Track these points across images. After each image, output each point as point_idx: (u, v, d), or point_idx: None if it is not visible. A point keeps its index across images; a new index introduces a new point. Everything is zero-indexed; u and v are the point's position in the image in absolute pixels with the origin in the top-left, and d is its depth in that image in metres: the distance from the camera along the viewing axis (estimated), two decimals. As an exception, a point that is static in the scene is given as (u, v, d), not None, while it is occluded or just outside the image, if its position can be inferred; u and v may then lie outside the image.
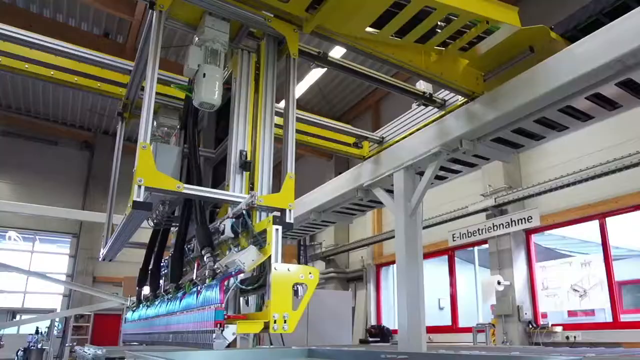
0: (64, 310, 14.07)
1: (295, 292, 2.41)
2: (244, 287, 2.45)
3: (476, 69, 4.15)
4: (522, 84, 3.72)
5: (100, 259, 3.94)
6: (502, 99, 3.86)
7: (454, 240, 11.10)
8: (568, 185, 8.54)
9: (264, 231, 2.40)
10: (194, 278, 2.64)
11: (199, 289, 2.46)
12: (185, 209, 3.14)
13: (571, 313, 9.81)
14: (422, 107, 4.82)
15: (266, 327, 2.22)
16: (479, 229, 10.37)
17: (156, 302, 3.35)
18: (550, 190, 8.87)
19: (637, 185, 8.26)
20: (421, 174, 4.72)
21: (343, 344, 8.25)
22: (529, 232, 10.27)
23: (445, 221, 11.27)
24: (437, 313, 12.77)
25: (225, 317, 2.15)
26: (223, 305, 2.16)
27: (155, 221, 3.34)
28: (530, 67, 3.70)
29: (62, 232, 17.38)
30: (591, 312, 9.37)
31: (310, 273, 2.36)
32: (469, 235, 10.61)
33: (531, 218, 9.27)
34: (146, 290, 3.77)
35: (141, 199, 2.25)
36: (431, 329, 12.36)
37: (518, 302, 9.71)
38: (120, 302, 7.89)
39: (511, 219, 9.68)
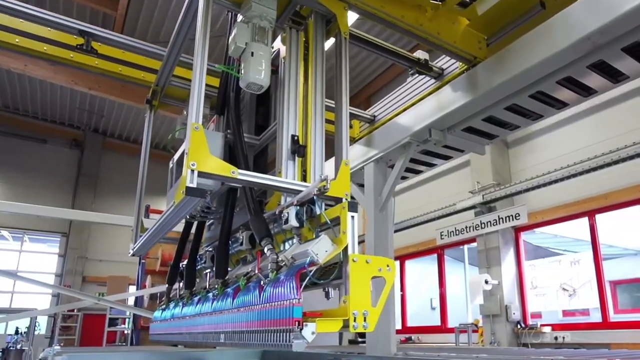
0: (37, 310, 13.67)
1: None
2: (318, 280, 2.19)
3: (478, 32, 3.71)
4: (528, 45, 3.27)
5: (130, 255, 3.74)
6: (508, 62, 3.41)
7: (441, 239, 10.85)
8: (556, 181, 8.26)
9: (335, 219, 2.13)
10: (256, 272, 2.36)
11: (261, 283, 2.19)
12: (230, 199, 2.88)
13: (566, 313, 9.58)
14: (417, 75, 4.35)
15: (345, 325, 1.95)
16: (466, 227, 10.11)
17: (194, 300, 3.07)
18: (539, 186, 8.59)
19: (627, 182, 8.02)
20: (393, 167, 4.40)
21: (331, 345, 7.98)
22: (518, 230, 10.00)
23: (434, 219, 10.97)
24: (430, 313, 12.53)
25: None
26: (301, 301, 1.87)
27: (192, 213, 3.05)
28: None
29: (52, 232, 16.97)
30: (586, 312, 9.12)
31: (388, 266, 2.09)
32: (457, 233, 10.36)
33: (519, 215, 9.02)
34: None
35: (194, 185, 2.07)
36: (420, 329, 12.13)
37: (506, 302, 9.43)
38: (94, 302, 7.55)
39: (499, 216, 9.42)
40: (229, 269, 2.90)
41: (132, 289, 14.11)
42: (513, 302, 9.52)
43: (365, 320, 1.96)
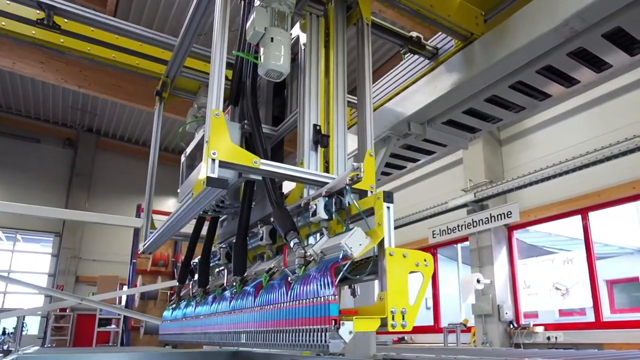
0: (20, 310, 13.41)
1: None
2: (353, 276, 2.04)
3: (475, 6, 3.50)
4: (527, 19, 3.02)
5: (140, 252, 3.63)
6: (507, 37, 3.15)
7: (434, 237, 10.64)
8: (548, 178, 8.06)
9: (368, 210, 2.01)
10: (282, 267, 2.21)
11: (288, 279, 2.04)
12: (247, 192, 2.74)
13: (563, 313, 9.40)
14: (410, 56, 4.12)
15: (383, 324, 1.81)
16: (458, 225, 9.91)
17: (208, 299, 2.94)
18: (530, 184, 8.40)
19: (620, 179, 7.81)
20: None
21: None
22: (510, 229, 9.79)
23: (426, 217, 10.79)
24: (425, 313, 12.34)
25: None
26: (337, 298, 1.74)
27: (205, 208, 2.89)
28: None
29: (45, 231, 16.75)
30: (582, 312, 8.93)
31: (425, 260, 1.97)
32: (449, 231, 10.15)
33: (510, 213, 8.82)
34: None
35: (215, 175, 1.96)
36: (414, 329, 11.86)
37: (498, 301, 9.23)
38: (77, 301, 7.34)
39: (490, 214, 9.22)
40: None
41: (125, 289, 13.92)
42: (505, 301, 9.33)
43: (403, 319, 1.83)
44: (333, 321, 1.69)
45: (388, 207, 1.95)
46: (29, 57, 5.64)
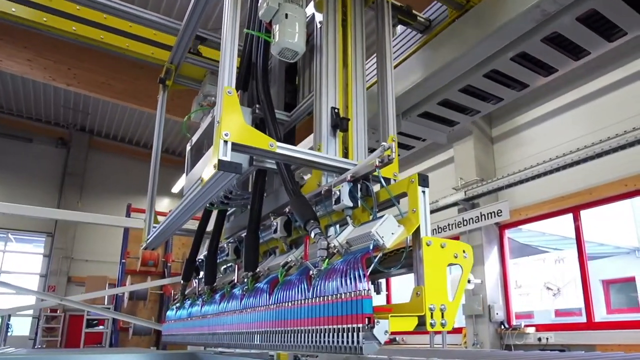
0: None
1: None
2: (386, 269, 1.86)
3: None
4: None
5: (142, 248, 3.54)
6: (506, 3, 2.86)
7: (424, 237, 10.34)
8: (539, 175, 7.75)
9: (398, 197, 1.85)
10: (303, 260, 1.98)
11: (310, 274, 1.82)
12: (258, 182, 2.54)
13: (559, 313, 9.11)
14: (402, 31, 3.89)
15: (421, 322, 1.61)
16: (449, 224, 9.60)
17: (216, 297, 2.74)
18: (521, 181, 8.09)
19: (611, 176, 7.52)
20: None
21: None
22: (502, 227, 9.48)
23: (417, 217, 10.48)
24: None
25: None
26: (371, 293, 1.52)
27: (212, 200, 2.71)
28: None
29: (37, 231, 16.40)
30: (578, 312, 8.56)
31: (464, 251, 1.77)
32: (440, 230, 9.82)
33: (501, 211, 8.51)
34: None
35: (228, 158, 1.77)
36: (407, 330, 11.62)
37: (489, 302, 8.89)
38: (57, 301, 6.98)
39: (481, 212, 8.91)
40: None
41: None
42: (496, 301, 9.01)
43: (443, 317, 1.63)
44: (367, 319, 1.47)
45: (423, 192, 1.79)
46: (17, 55, 5.30)
